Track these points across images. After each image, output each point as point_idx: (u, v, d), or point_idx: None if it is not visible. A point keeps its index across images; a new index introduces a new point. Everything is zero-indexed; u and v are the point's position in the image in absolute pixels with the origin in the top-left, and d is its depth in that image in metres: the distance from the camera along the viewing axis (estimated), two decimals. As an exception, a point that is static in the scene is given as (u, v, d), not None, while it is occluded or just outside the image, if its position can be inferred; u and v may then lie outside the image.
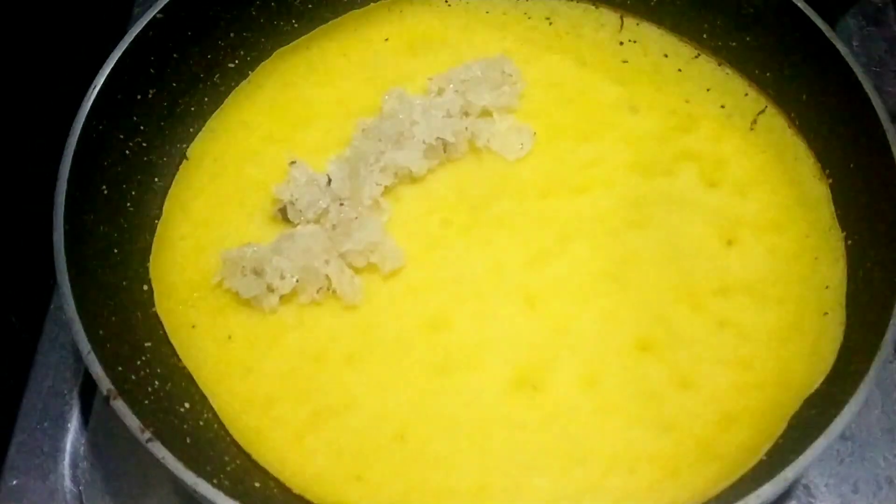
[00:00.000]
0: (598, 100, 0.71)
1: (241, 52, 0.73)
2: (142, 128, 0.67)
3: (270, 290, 0.62)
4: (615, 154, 0.68)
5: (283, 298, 0.63)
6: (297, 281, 0.62)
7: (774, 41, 0.68)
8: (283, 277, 0.62)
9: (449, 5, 0.77)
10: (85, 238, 0.61)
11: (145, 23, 0.66)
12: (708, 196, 0.66)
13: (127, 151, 0.66)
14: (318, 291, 0.63)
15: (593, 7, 0.76)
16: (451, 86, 0.70)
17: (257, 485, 0.57)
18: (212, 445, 0.58)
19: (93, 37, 0.82)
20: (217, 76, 0.72)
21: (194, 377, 0.61)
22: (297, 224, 0.65)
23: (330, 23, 0.75)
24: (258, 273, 0.62)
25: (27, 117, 0.74)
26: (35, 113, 0.75)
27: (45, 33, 0.76)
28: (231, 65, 0.73)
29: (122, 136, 0.66)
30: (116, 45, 0.65)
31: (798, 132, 0.68)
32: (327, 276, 0.63)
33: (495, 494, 0.56)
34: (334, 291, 0.63)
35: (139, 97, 0.67)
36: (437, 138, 0.67)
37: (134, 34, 0.66)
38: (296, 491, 0.57)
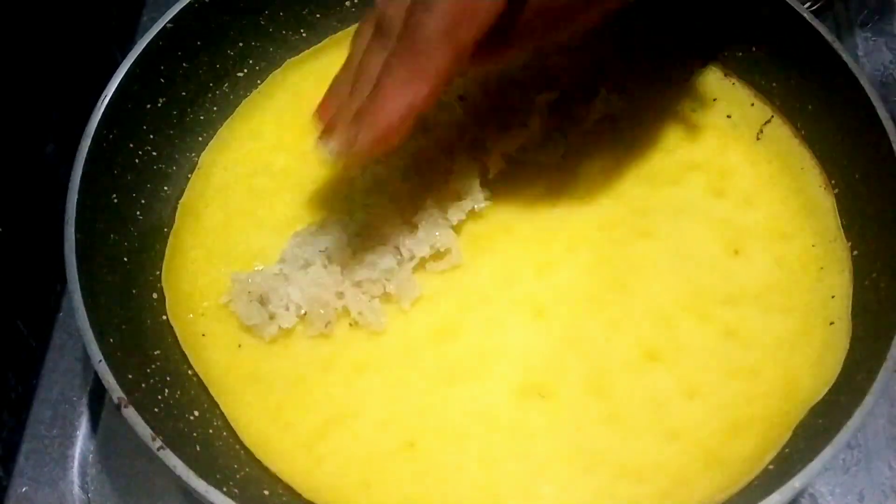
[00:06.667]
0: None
1: (251, 62, 0.73)
2: (152, 137, 0.68)
3: (272, 318, 0.62)
4: (622, 163, 0.68)
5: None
6: (305, 313, 0.62)
7: (780, 52, 0.68)
8: (287, 308, 0.62)
9: (456, 15, 0.77)
10: (95, 247, 0.61)
11: (155, 32, 0.67)
12: (714, 206, 0.66)
13: (137, 160, 0.67)
14: (326, 325, 0.62)
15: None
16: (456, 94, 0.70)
17: (267, 492, 0.57)
18: (221, 453, 0.58)
19: (101, 46, 0.83)
20: (226, 86, 0.72)
21: (204, 385, 0.61)
22: (310, 223, 0.65)
23: (339, 33, 0.75)
24: (263, 302, 0.62)
25: (37, 126, 0.74)
26: (45, 121, 0.75)
27: (54, 42, 0.77)
28: (240, 74, 0.73)
29: (132, 145, 0.66)
30: (125, 54, 0.66)
31: (804, 142, 0.68)
32: (345, 308, 0.62)
33: (503, 502, 0.57)
34: (356, 323, 0.62)
35: (149, 106, 0.68)
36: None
37: (144, 44, 0.66)
38: (305, 497, 0.57)
